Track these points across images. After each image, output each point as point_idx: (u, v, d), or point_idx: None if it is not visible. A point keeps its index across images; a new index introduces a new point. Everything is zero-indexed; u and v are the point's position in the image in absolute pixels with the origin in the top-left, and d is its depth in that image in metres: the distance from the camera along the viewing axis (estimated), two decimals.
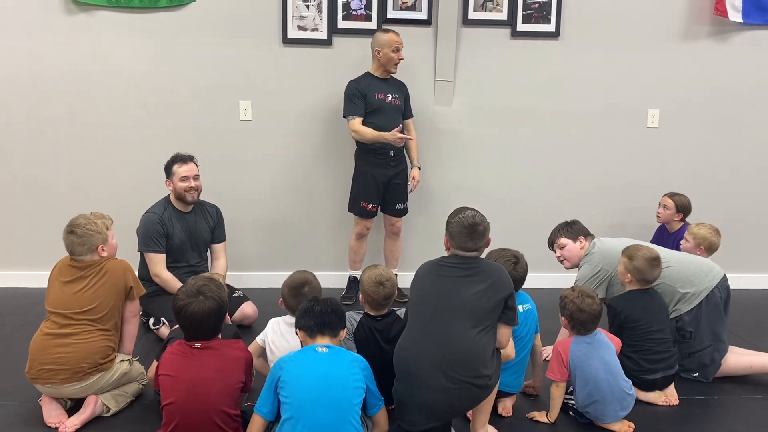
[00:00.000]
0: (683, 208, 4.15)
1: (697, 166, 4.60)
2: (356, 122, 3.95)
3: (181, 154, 3.69)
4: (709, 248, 3.69)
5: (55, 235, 2.85)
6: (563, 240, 3.44)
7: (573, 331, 2.78)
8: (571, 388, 2.78)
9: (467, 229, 2.47)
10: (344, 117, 4.03)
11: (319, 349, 2.34)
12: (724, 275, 3.25)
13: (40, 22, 4.20)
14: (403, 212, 4.27)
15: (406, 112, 4.18)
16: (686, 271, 3.17)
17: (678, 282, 3.13)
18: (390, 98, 4.03)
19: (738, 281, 4.35)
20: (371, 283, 2.76)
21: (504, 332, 2.47)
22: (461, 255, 2.50)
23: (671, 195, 4.18)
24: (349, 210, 4.22)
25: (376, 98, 3.99)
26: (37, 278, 2.90)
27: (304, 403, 2.19)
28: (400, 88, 4.14)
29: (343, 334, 2.46)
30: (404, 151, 4.19)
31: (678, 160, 4.58)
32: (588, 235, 3.46)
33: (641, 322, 2.97)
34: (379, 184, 4.08)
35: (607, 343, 2.78)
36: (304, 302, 2.49)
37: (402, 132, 3.94)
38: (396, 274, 3.52)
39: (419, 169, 4.21)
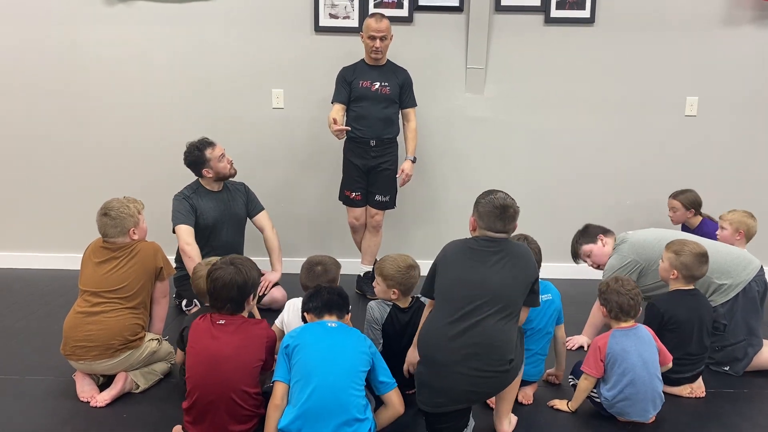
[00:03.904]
0: (692, 203, 4.03)
1: (737, 156, 4.46)
2: (333, 108, 3.94)
3: (200, 141, 3.71)
4: (747, 231, 3.58)
5: (94, 219, 2.96)
6: (585, 247, 3.38)
7: (614, 320, 2.68)
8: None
9: (498, 209, 2.43)
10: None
11: (329, 324, 2.42)
12: (762, 268, 3.15)
13: (81, 13, 4.34)
14: (385, 205, 4.08)
15: (404, 101, 4.03)
16: (722, 262, 3.07)
17: (714, 272, 3.01)
18: (377, 86, 3.93)
19: None
20: (399, 269, 2.70)
21: (524, 311, 2.47)
22: (490, 236, 2.46)
23: (675, 195, 4.07)
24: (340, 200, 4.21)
25: (361, 86, 3.93)
26: (78, 261, 3.03)
27: (313, 366, 2.26)
28: (396, 76, 3.99)
29: (348, 317, 2.51)
30: (395, 142, 4.06)
31: (717, 150, 4.45)
32: (606, 231, 3.40)
33: (684, 326, 2.83)
34: (362, 173, 4.03)
35: (648, 341, 2.65)
36: (310, 289, 2.56)
37: (344, 125, 3.76)
38: (370, 270, 3.47)
39: (412, 162, 4.03)
